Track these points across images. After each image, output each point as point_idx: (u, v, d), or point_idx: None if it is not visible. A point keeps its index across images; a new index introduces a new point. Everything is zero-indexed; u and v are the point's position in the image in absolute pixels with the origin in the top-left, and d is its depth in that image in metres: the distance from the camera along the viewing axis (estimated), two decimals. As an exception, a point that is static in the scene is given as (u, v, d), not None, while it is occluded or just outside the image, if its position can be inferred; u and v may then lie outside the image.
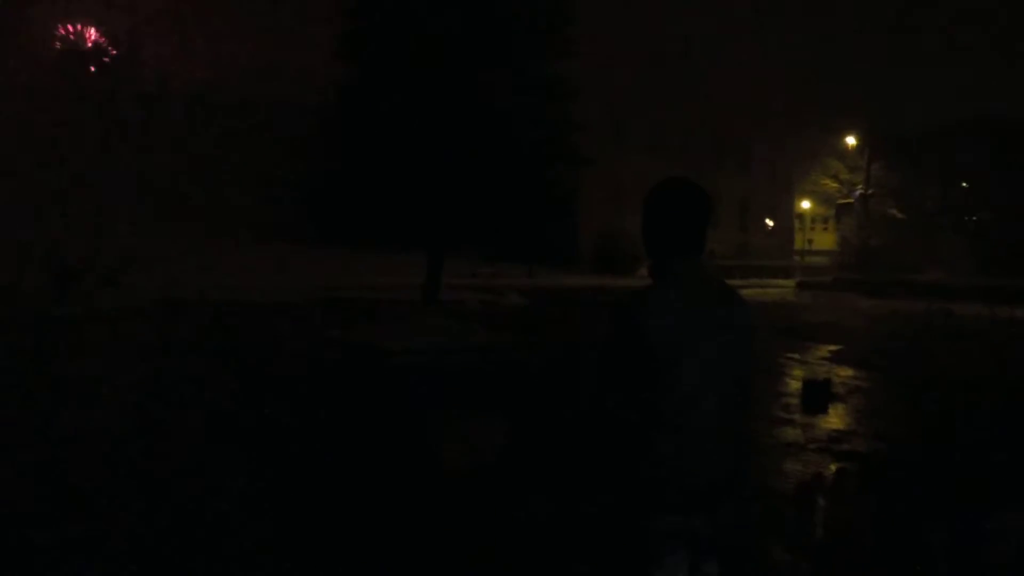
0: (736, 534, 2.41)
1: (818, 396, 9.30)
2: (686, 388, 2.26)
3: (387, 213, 15.50)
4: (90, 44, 40.33)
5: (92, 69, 39.60)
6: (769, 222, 47.90)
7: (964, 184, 37.40)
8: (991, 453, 7.18)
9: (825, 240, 48.78)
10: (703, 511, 2.31)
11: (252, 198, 36.81)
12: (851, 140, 43.10)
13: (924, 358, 13.76)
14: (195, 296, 18.06)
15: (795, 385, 10.13)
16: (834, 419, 8.57)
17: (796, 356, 13.09)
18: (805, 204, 50.02)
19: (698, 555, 2.41)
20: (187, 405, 8.13)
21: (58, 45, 40.41)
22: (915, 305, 23.81)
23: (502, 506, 5.26)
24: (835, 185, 44.93)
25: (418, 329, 12.76)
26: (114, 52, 40.34)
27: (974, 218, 36.75)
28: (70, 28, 40.28)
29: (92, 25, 40.68)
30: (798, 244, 50.83)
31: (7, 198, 30.48)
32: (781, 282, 35.72)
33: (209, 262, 25.22)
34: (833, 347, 14.51)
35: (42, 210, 31.19)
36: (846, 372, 11.75)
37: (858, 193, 41.96)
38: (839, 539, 4.83)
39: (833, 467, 6.57)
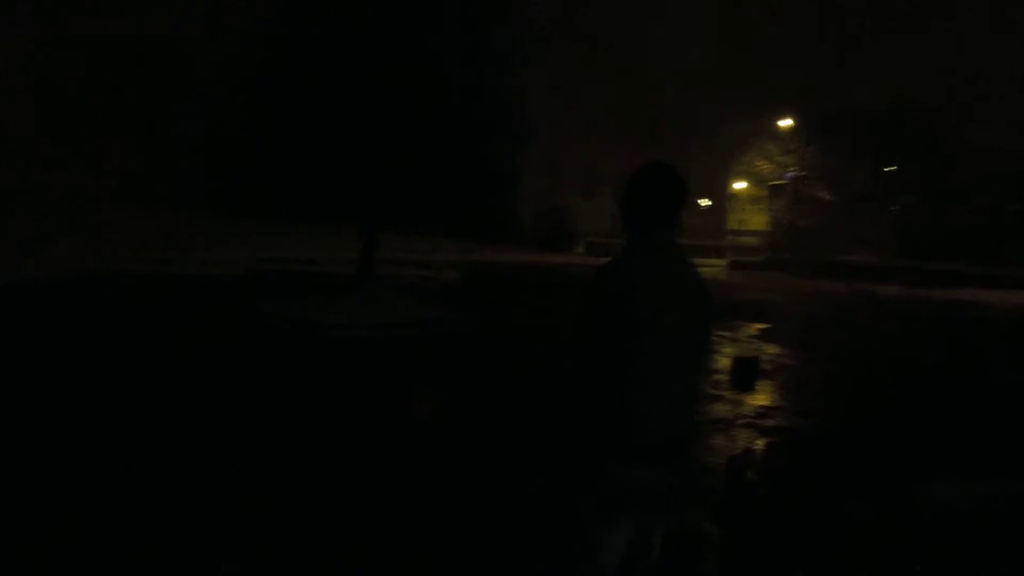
0: (690, 489, 2.58)
1: (746, 373, 9.50)
2: (657, 350, 2.45)
3: (319, 185, 15.20)
4: None
5: None
6: (703, 202, 48.64)
7: (890, 168, 38.46)
8: (913, 428, 7.49)
9: (758, 221, 49.68)
10: (661, 465, 2.49)
11: (175, 166, 35.03)
12: (786, 122, 43.89)
13: (848, 337, 14.23)
14: (124, 268, 17.50)
15: (725, 362, 10.37)
16: (761, 396, 8.82)
17: (727, 334, 13.38)
18: (740, 185, 50.89)
19: (651, 512, 2.58)
20: (124, 382, 7.90)
21: None
22: (841, 285, 24.57)
23: (443, 468, 5.28)
24: (769, 167, 45.78)
25: (354, 303, 12.64)
26: None
27: (899, 203, 37.88)
28: None
29: None
30: (731, 224, 51.77)
31: None
32: (714, 261, 36.35)
33: (135, 234, 24.47)
34: (762, 325, 14.88)
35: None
36: (774, 350, 12.07)
37: (790, 175, 42.82)
38: (764, 512, 4.99)
39: (760, 442, 6.77)
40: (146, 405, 6.85)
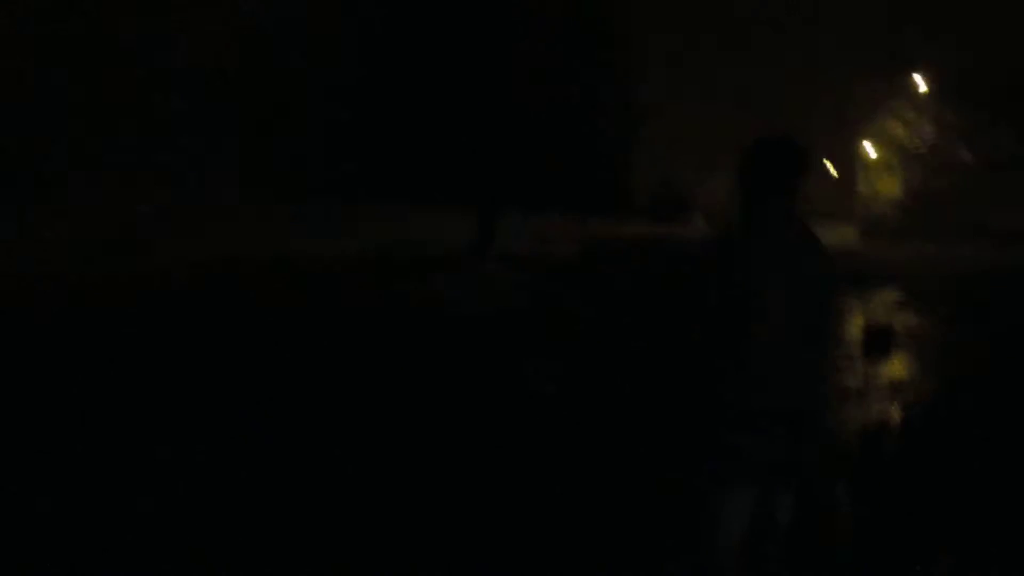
0: (815, 460, 2.52)
1: (880, 342, 9.10)
2: (774, 321, 2.46)
3: (439, 166, 15.46)
4: None
5: None
6: (832, 168, 46.62)
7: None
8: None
9: (892, 186, 47.29)
10: (782, 433, 2.47)
11: (298, 154, 36.09)
12: (920, 84, 41.48)
13: (991, 305, 13.35)
14: (254, 255, 18.16)
15: (857, 332, 9.91)
16: (896, 366, 8.39)
17: (859, 303, 12.81)
18: (872, 149, 48.49)
19: (772, 482, 2.55)
20: (273, 365, 8.21)
21: None
22: (983, 251, 23.09)
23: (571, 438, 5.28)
24: (903, 130, 43.39)
25: (475, 281, 12.76)
26: None
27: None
28: None
29: None
30: (863, 190, 49.43)
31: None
32: (845, 229, 34.91)
33: (260, 220, 25.39)
34: (897, 294, 14.16)
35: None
36: (910, 319, 11.46)
37: (926, 138, 40.52)
38: (900, 486, 4.73)
39: (895, 414, 6.44)
40: (293, 377, 7.14)
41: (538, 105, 14.73)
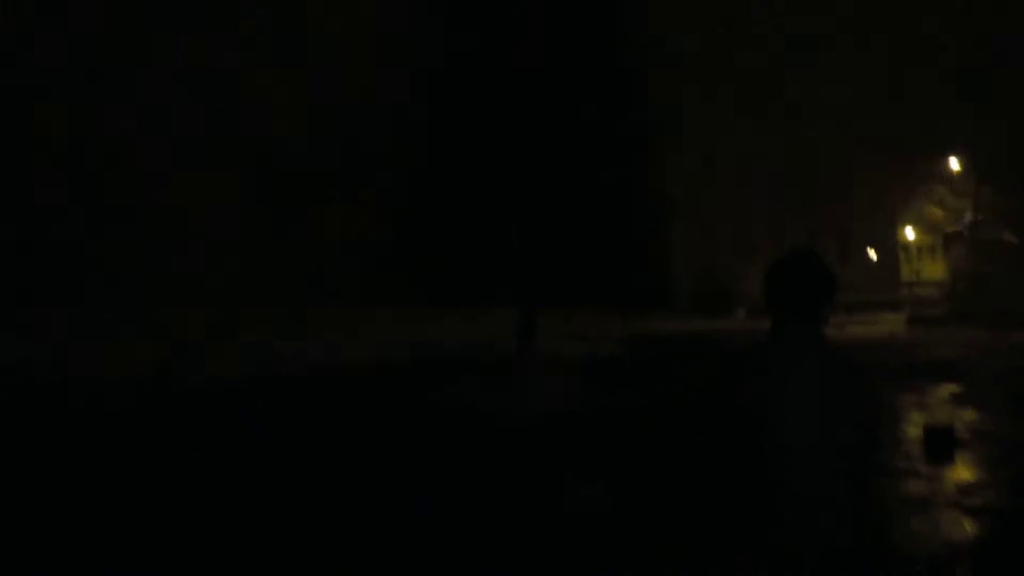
0: None
1: (942, 443, 8.74)
2: (786, 446, 2.38)
3: (477, 267, 15.59)
4: None
5: None
6: (872, 254, 46.22)
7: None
8: None
9: (934, 271, 46.68)
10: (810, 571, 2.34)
11: (337, 261, 36.73)
12: (955, 164, 41.35)
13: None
14: (292, 367, 18.28)
15: (915, 432, 9.55)
16: (962, 469, 8.03)
17: (914, 398, 12.42)
18: (910, 234, 48.11)
19: None
20: (297, 480, 8.19)
21: None
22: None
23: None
24: (941, 212, 43.10)
25: (517, 387, 12.66)
26: None
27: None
28: None
29: None
30: (905, 276, 48.80)
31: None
32: (889, 316, 34.27)
33: (302, 328, 25.72)
34: (954, 387, 13.72)
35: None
36: (971, 415, 11.04)
37: (966, 219, 40.11)
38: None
39: (967, 525, 6.12)
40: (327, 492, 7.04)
41: (576, 204, 14.91)
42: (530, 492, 6.99)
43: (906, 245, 49.78)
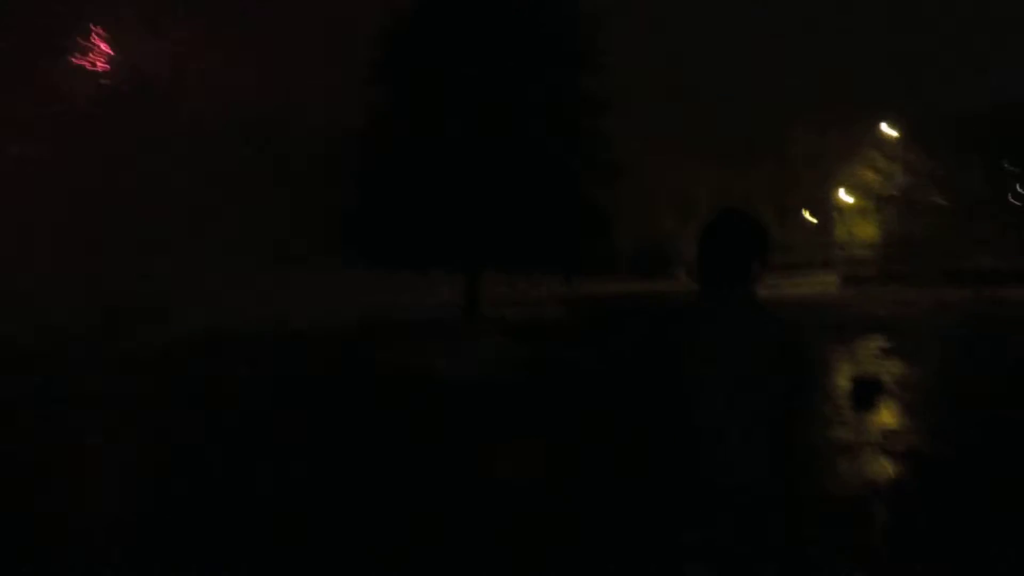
0: (766, 542, 2.46)
1: (869, 393, 9.15)
2: (712, 403, 2.41)
3: (423, 232, 15.57)
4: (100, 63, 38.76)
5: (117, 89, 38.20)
6: (809, 217, 47.26)
7: (1008, 165, 36.53)
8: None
9: (868, 232, 47.95)
10: (732, 521, 2.40)
11: (285, 224, 36.52)
12: (889, 129, 42.38)
13: (977, 349, 13.47)
14: (241, 327, 18.22)
15: (844, 383, 9.95)
16: (887, 416, 8.41)
17: (844, 352, 12.88)
18: (846, 197, 49.27)
19: (733, 568, 2.44)
20: (251, 433, 8.20)
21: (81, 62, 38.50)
22: (963, 294, 23.33)
23: (550, 518, 5.22)
24: (874, 175, 44.17)
25: (463, 348, 12.80)
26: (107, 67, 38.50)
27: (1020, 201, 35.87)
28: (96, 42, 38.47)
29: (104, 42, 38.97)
30: (840, 238, 50.03)
31: (48, 235, 30.82)
32: (824, 277, 35.19)
33: (249, 291, 25.48)
34: (881, 341, 14.26)
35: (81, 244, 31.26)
36: (897, 367, 11.52)
37: (899, 182, 41.24)
38: (902, 545, 4.71)
39: (890, 467, 6.44)
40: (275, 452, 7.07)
41: (519, 169, 14.95)
42: (468, 450, 7.12)
43: (841, 208, 50.97)
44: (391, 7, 16.23)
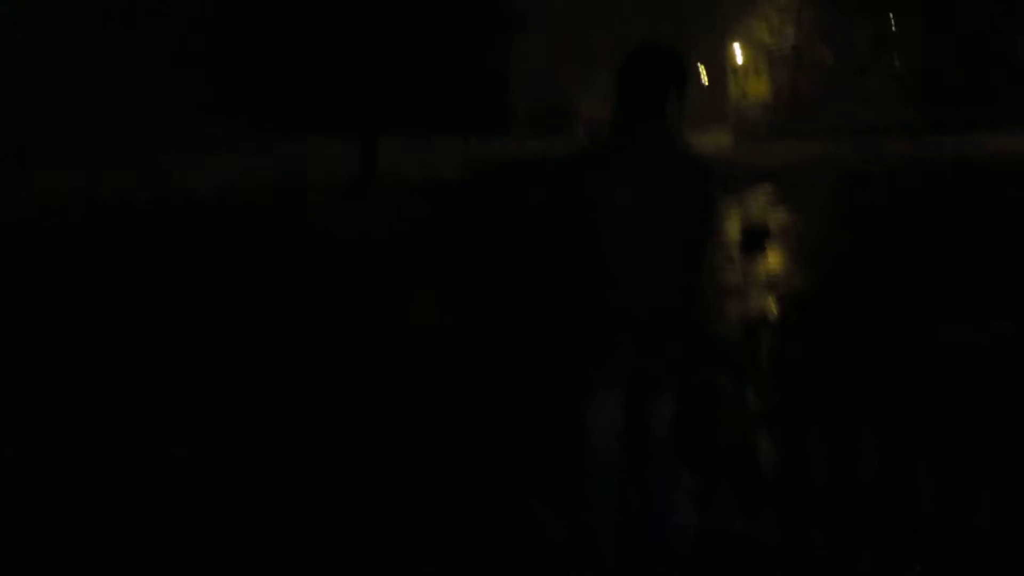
0: (675, 368, 2.58)
1: (755, 238, 9.60)
2: (621, 228, 2.39)
3: (312, 93, 14.94)
4: None
5: None
6: (703, 73, 47.46)
7: (893, 17, 37.25)
8: (927, 280, 7.42)
9: (759, 89, 48.65)
10: (641, 343, 2.49)
11: (164, 81, 34.05)
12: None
13: (856, 196, 14.15)
14: (119, 194, 17.28)
15: (734, 230, 10.35)
16: (772, 259, 8.85)
17: (735, 202, 13.32)
18: (739, 54, 49.58)
19: (640, 389, 2.61)
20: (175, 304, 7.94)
21: None
22: (846, 146, 24.26)
23: (463, 358, 5.36)
24: (769, 33, 44.43)
25: (360, 208, 12.64)
26: None
27: (903, 59, 36.86)
28: None
29: None
30: (733, 95, 50.67)
31: None
32: (718, 132, 35.84)
33: (137, 153, 24.22)
34: (768, 192, 14.80)
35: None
36: (781, 215, 12.04)
37: (790, 39, 41.63)
38: (783, 371, 5.06)
39: (773, 305, 6.84)
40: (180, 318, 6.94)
41: (415, 25, 14.35)
42: (380, 307, 7.15)
43: (734, 65, 51.36)
44: None
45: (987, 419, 4.00)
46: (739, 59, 49.69)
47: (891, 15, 36.95)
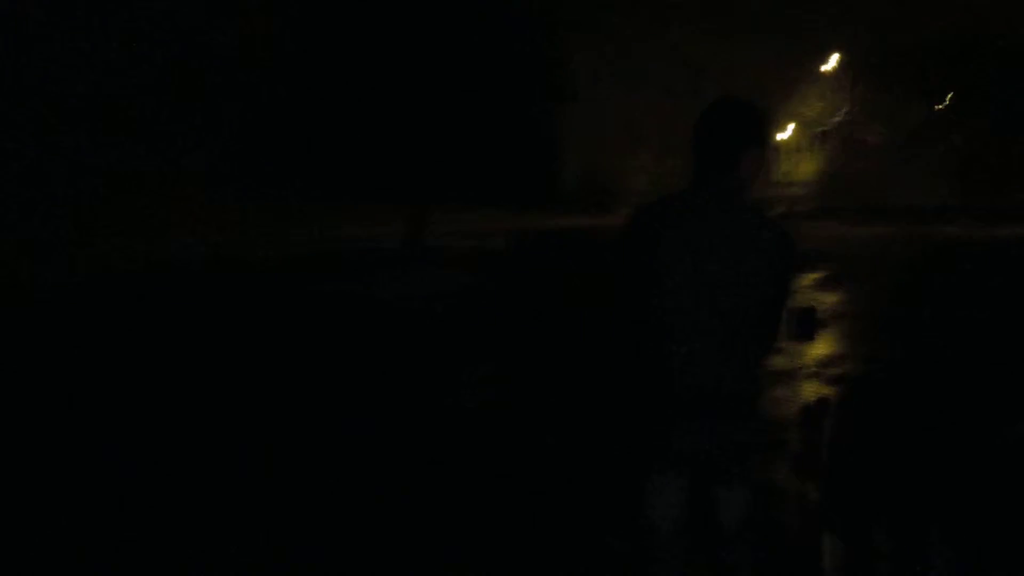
0: (743, 457, 2.43)
1: (803, 323, 9.38)
2: (678, 296, 2.26)
3: (367, 163, 15.27)
4: None
5: None
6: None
7: (938, 107, 37.20)
8: (990, 371, 7.19)
9: (807, 169, 48.64)
10: (704, 427, 2.32)
11: (218, 156, 35.26)
12: (831, 64, 42.67)
13: (908, 280, 13.90)
14: (166, 256, 17.75)
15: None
16: (822, 345, 8.67)
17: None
18: (785, 133, 49.72)
19: (706, 477, 2.45)
20: (196, 364, 8.08)
21: None
22: (896, 229, 23.97)
23: (506, 439, 5.30)
24: (816, 111, 44.60)
25: (404, 276, 12.74)
26: None
27: (957, 139, 36.66)
28: None
29: None
30: (779, 174, 50.68)
31: None
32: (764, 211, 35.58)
33: (175, 216, 24.75)
34: (816, 274, 14.60)
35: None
36: (831, 298, 11.85)
37: (837, 118, 41.73)
38: (841, 461, 4.90)
39: (828, 391, 6.67)
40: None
41: (466, 99, 14.69)
42: (422, 378, 7.14)
43: (782, 144, 51.50)
44: None
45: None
46: (787, 139, 49.83)
47: (943, 96, 36.88)
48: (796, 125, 47.70)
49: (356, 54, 15.02)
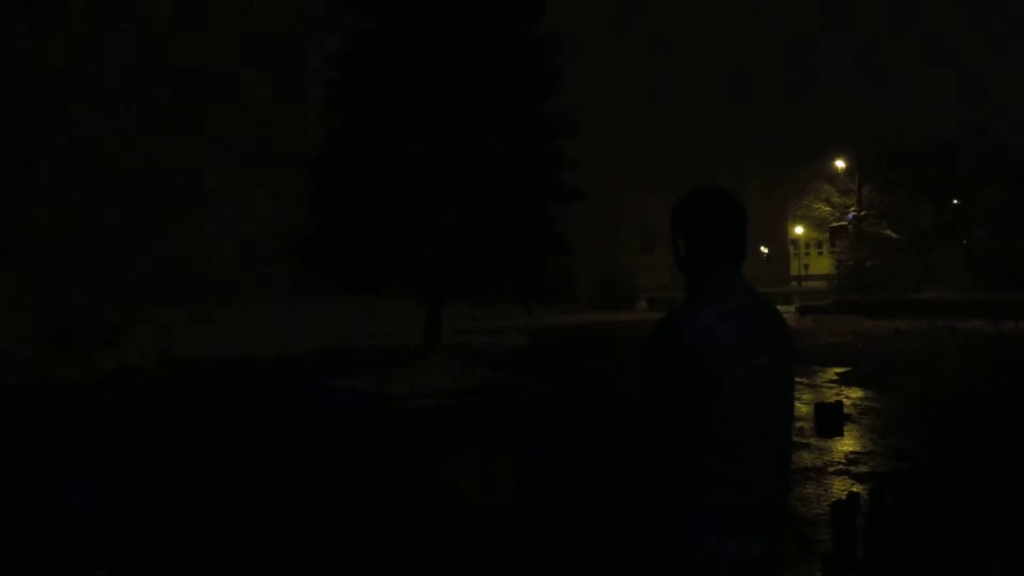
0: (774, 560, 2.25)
1: (831, 419, 9.21)
2: (741, 406, 2.04)
3: (383, 260, 15.37)
4: None
5: None
6: (764, 249, 47.96)
7: (956, 201, 37.50)
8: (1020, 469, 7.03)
9: (821, 264, 48.80)
10: (759, 535, 2.10)
11: (240, 252, 36.20)
12: (841, 163, 43.34)
13: (933, 375, 13.67)
14: (196, 354, 17.94)
15: (806, 409, 10.01)
16: (849, 441, 8.47)
17: (804, 380, 12.99)
18: (799, 229, 50.15)
19: None
20: (200, 462, 7.99)
21: None
22: (917, 323, 23.77)
23: (528, 545, 5.13)
24: (828, 208, 45.06)
25: (422, 373, 12.63)
26: None
27: (969, 236, 36.82)
28: None
29: None
30: (794, 270, 50.88)
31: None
32: (780, 308, 35.58)
33: (207, 318, 25.11)
34: (840, 369, 14.43)
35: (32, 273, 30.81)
36: (856, 393, 11.65)
37: (851, 215, 42.06)
38: (875, 562, 4.70)
39: (858, 488, 6.46)
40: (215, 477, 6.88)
41: (482, 197, 14.90)
42: (430, 477, 6.99)
43: (795, 240, 51.90)
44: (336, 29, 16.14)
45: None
46: (800, 236, 50.23)
47: (957, 193, 37.21)
48: (807, 221, 48.12)
49: (372, 150, 15.31)
